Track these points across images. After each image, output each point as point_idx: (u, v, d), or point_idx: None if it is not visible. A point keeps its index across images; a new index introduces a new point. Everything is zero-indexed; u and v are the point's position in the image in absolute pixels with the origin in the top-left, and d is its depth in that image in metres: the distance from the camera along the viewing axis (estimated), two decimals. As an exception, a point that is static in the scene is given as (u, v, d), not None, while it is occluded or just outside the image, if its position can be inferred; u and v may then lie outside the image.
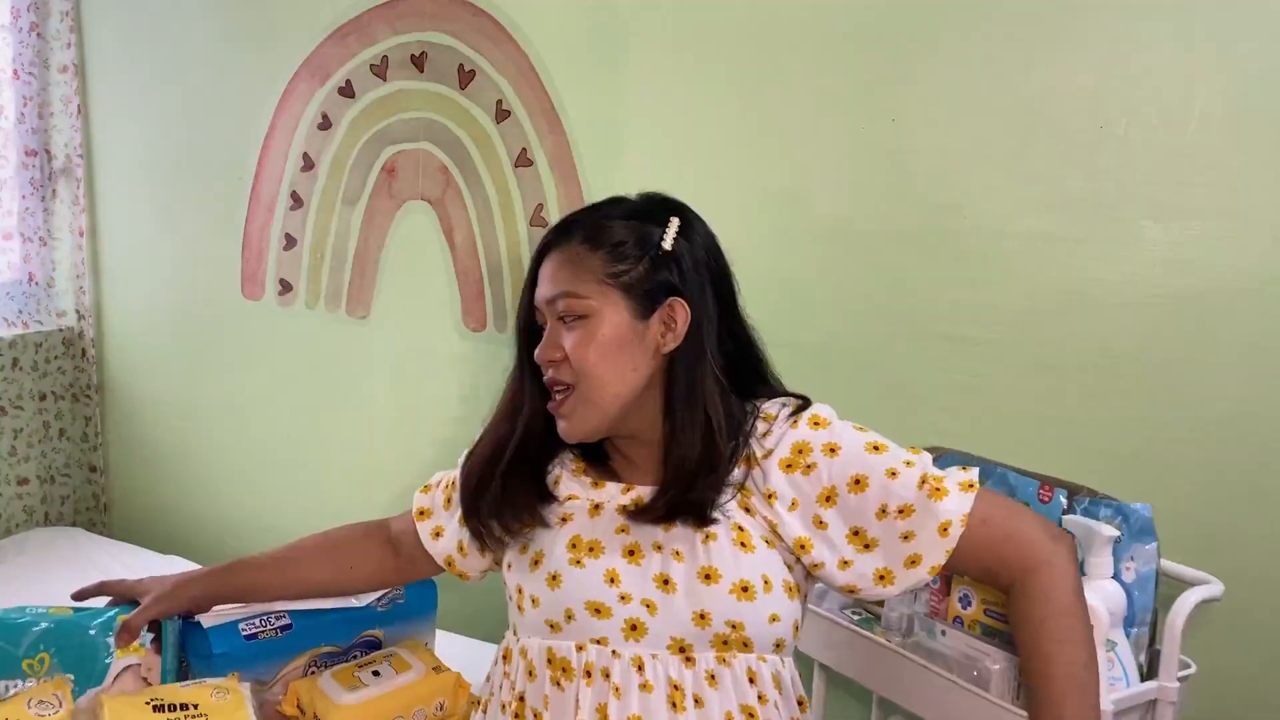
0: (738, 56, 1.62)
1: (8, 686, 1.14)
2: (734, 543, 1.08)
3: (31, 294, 2.39)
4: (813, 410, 1.10)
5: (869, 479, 1.06)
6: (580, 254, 1.10)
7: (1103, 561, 1.17)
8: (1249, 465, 1.33)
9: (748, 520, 1.09)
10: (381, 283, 2.03)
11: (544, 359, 1.11)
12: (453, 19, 1.88)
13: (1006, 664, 1.17)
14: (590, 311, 1.09)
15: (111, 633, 1.19)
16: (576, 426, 1.11)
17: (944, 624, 1.25)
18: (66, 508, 2.45)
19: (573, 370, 1.09)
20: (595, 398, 1.09)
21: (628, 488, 1.14)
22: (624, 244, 1.10)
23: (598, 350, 1.08)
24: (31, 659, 1.15)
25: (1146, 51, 1.35)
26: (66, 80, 2.33)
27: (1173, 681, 1.17)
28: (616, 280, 1.09)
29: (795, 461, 1.08)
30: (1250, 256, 1.31)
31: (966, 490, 1.05)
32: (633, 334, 1.09)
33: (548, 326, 1.12)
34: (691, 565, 1.08)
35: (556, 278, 1.11)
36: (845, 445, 1.08)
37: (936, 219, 1.50)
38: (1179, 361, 1.36)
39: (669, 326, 1.10)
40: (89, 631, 1.18)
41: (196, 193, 2.25)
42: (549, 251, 1.13)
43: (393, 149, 1.98)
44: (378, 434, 2.09)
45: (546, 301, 1.11)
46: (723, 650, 1.08)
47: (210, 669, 1.28)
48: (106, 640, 1.19)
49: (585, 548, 1.11)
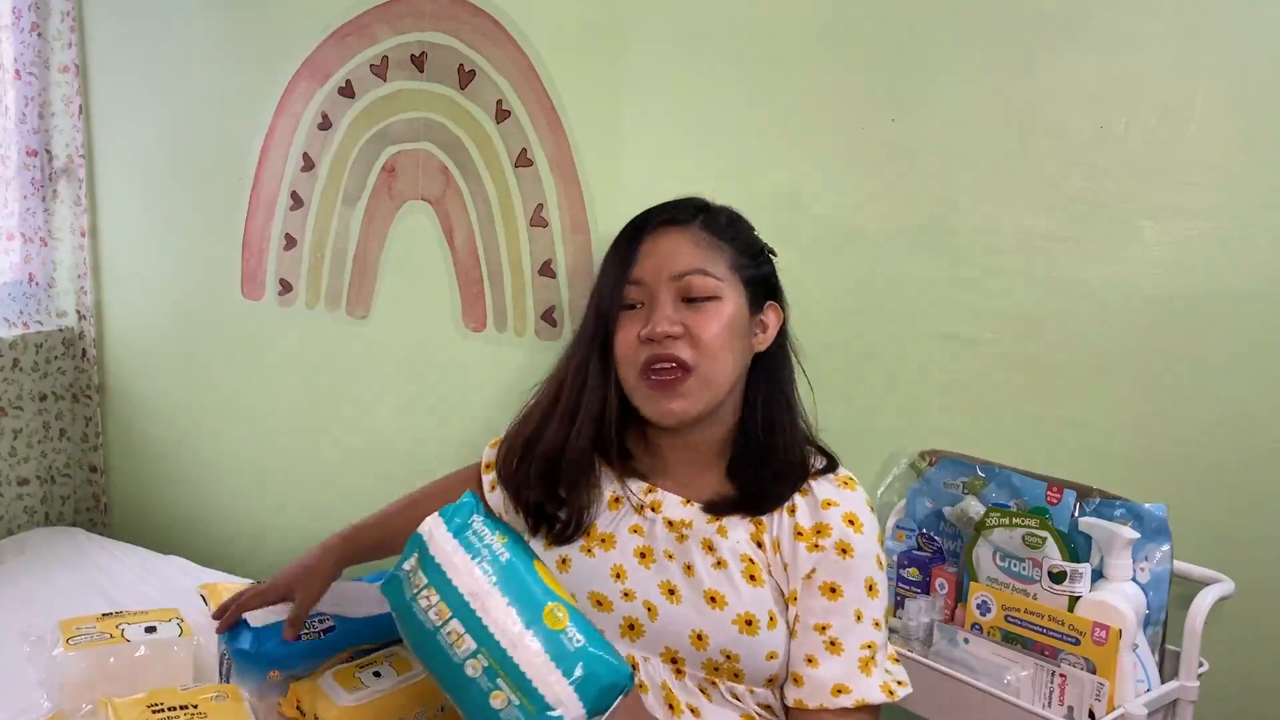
0: (738, 56, 1.62)
1: None
2: (743, 574, 1.08)
3: (32, 294, 2.39)
4: (851, 507, 1.09)
5: (842, 597, 1.05)
6: (709, 239, 1.11)
7: (1123, 564, 1.17)
8: (1249, 465, 1.33)
9: (758, 554, 1.09)
10: (381, 283, 2.03)
11: (663, 332, 1.07)
12: (453, 19, 1.87)
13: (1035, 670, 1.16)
14: (721, 293, 1.09)
15: None
16: (689, 407, 1.09)
17: (965, 632, 1.24)
18: (67, 508, 2.45)
19: (694, 349, 1.07)
20: (712, 381, 1.08)
21: (650, 489, 1.14)
22: (749, 239, 1.16)
23: (726, 333, 1.09)
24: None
25: (1146, 51, 1.35)
26: (68, 80, 2.33)
27: (1193, 680, 1.17)
28: (743, 271, 1.12)
29: (808, 536, 1.08)
30: (1250, 256, 1.31)
31: (884, 691, 1.04)
32: (745, 327, 1.12)
33: (660, 303, 1.09)
34: (700, 583, 1.07)
35: (688, 255, 1.10)
36: (856, 558, 1.07)
37: (936, 219, 1.49)
38: (1179, 361, 1.36)
39: (762, 328, 1.14)
40: None
41: (196, 193, 2.25)
42: (659, 229, 1.12)
43: (393, 149, 1.98)
44: (378, 434, 2.09)
45: (673, 276, 1.09)
46: (712, 675, 1.07)
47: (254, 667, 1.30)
48: None
49: (598, 538, 1.11)
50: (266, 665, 1.31)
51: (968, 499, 1.36)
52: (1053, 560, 1.21)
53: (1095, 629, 1.13)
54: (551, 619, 0.90)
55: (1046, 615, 1.17)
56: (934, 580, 1.35)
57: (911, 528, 1.42)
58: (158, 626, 1.51)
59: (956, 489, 1.39)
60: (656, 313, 1.08)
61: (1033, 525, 1.23)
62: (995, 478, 1.34)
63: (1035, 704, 1.15)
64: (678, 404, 1.08)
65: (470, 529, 0.94)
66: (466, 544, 0.93)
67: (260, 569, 2.15)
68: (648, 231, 1.13)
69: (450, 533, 0.92)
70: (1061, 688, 1.14)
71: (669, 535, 1.10)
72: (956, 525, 1.37)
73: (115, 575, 2.00)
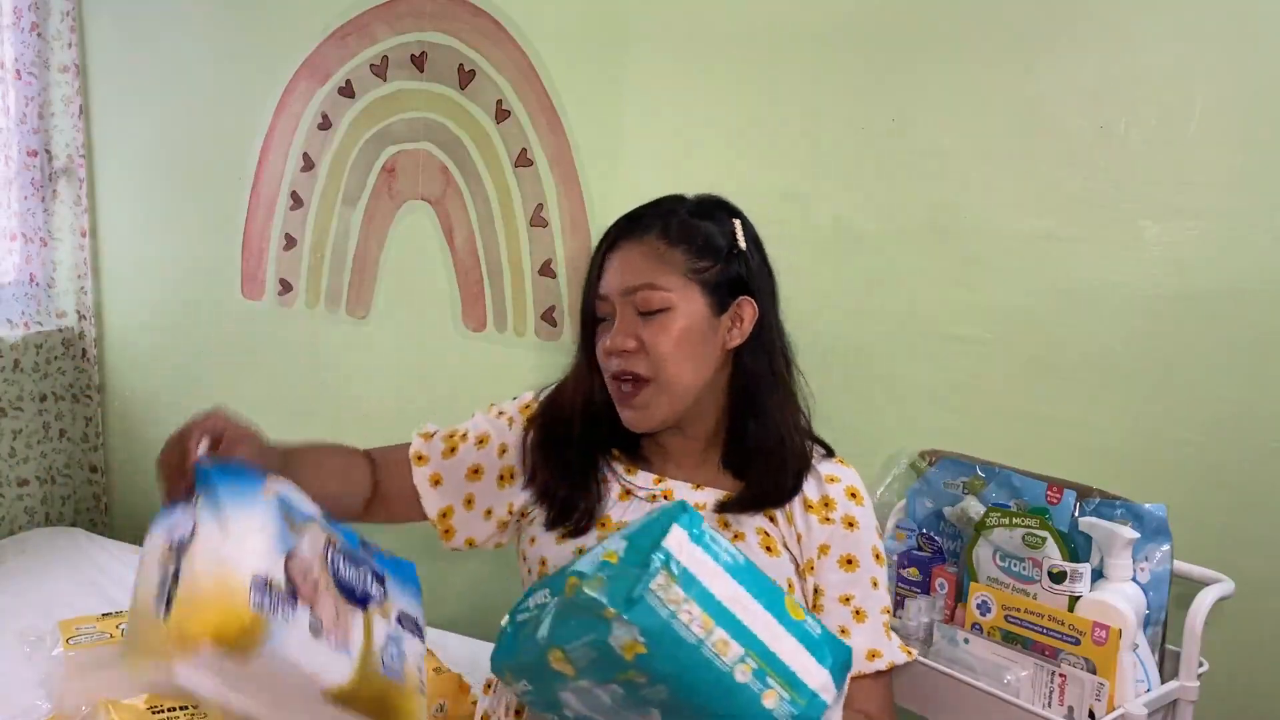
0: (738, 56, 1.62)
1: None
2: (760, 545, 1.11)
3: (32, 294, 2.39)
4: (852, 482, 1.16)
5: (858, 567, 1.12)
6: (660, 248, 1.12)
7: (1123, 564, 1.17)
8: (1249, 465, 1.33)
9: (771, 527, 1.12)
10: (381, 283, 2.03)
11: (617, 349, 1.10)
12: (453, 19, 1.87)
13: (1035, 670, 1.16)
14: (671, 304, 1.10)
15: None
16: (649, 417, 1.11)
17: (965, 632, 1.24)
18: (67, 508, 2.45)
19: (649, 361, 1.10)
20: (671, 389, 1.10)
21: (659, 479, 1.16)
22: (705, 241, 1.14)
23: (678, 342, 1.10)
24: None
25: (1146, 51, 1.35)
26: (68, 80, 2.33)
27: (1193, 680, 1.17)
28: (698, 276, 1.12)
29: (817, 509, 1.13)
30: (1250, 256, 1.31)
31: (905, 652, 1.13)
32: (708, 329, 1.12)
33: (618, 317, 1.12)
34: None
35: (637, 269, 1.11)
36: (862, 529, 1.13)
37: (936, 219, 1.49)
38: (1179, 361, 1.36)
39: (736, 323, 1.14)
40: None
41: (196, 193, 2.25)
42: (619, 243, 1.14)
43: (393, 149, 1.98)
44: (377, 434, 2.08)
45: (623, 292, 1.11)
46: None
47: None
48: None
49: (614, 527, 1.12)
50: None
51: (968, 499, 1.36)
52: (1053, 560, 1.21)
53: (1095, 629, 1.13)
54: (793, 609, 0.93)
55: (1046, 615, 1.17)
56: (934, 580, 1.35)
57: (911, 528, 1.42)
58: (158, 626, 1.51)
59: (956, 489, 1.39)
60: (614, 328, 1.11)
61: (1033, 525, 1.23)
62: (995, 478, 1.34)
63: (1035, 704, 1.15)
64: (636, 414, 1.12)
65: (707, 535, 0.93)
66: (711, 551, 0.92)
67: (260, 569, 2.15)
68: (611, 245, 1.15)
69: (695, 543, 0.92)
70: (1061, 688, 1.14)
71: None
72: (956, 525, 1.37)
73: (115, 575, 2.00)
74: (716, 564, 0.91)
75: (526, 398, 1.25)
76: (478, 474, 1.21)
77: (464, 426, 1.24)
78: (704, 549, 0.91)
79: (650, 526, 0.93)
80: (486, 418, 1.25)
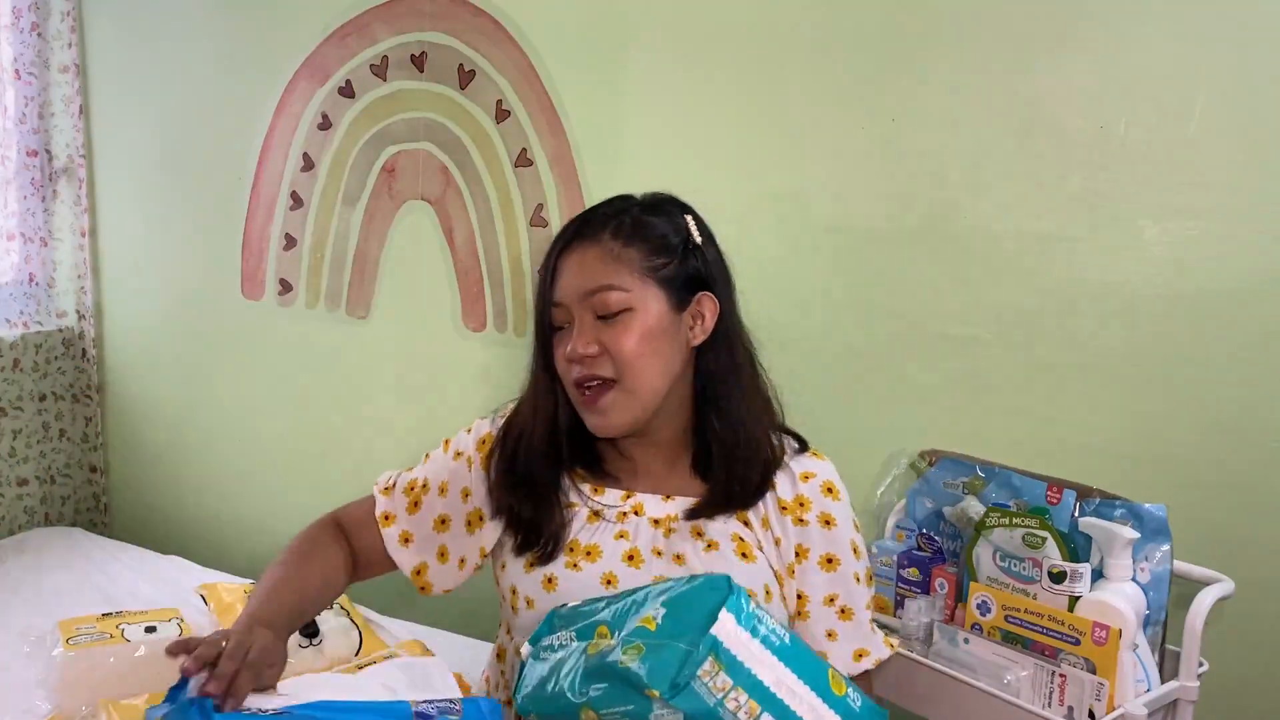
0: (738, 57, 1.62)
1: None
2: (736, 552, 1.09)
3: (32, 294, 2.39)
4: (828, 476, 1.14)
5: (840, 565, 1.11)
6: (614, 248, 1.10)
7: (1123, 564, 1.17)
8: (1249, 465, 1.33)
9: (747, 533, 1.10)
10: (381, 283, 2.03)
11: (579, 355, 1.08)
12: (453, 19, 1.87)
13: (1035, 670, 1.16)
14: (632, 304, 1.08)
15: None
16: (616, 420, 1.09)
17: (965, 632, 1.24)
18: (67, 508, 2.45)
19: (614, 364, 1.07)
20: (638, 391, 1.08)
21: (628, 494, 1.14)
22: (660, 238, 1.11)
23: (642, 343, 1.08)
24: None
25: (1146, 51, 1.35)
26: (68, 80, 2.33)
27: (1193, 680, 1.17)
28: (655, 274, 1.10)
29: (792, 509, 1.11)
30: (1250, 256, 1.31)
31: (888, 645, 1.14)
32: (670, 327, 1.10)
33: (577, 323, 1.09)
34: (692, 571, 1.08)
35: (593, 271, 1.09)
36: (839, 526, 1.12)
37: (936, 219, 1.49)
38: (1179, 361, 1.36)
39: (698, 320, 1.12)
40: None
41: (196, 193, 2.25)
42: (572, 246, 1.12)
43: (393, 149, 1.98)
44: (378, 434, 2.09)
45: (582, 296, 1.09)
46: None
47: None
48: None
49: (583, 552, 1.10)
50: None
51: (968, 499, 1.36)
52: (1053, 560, 1.21)
53: (1095, 629, 1.13)
54: (835, 684, 0.94)
55: (1046, 615, 1.17)
56: (934, 580, 1.35)
57: (911, 528, 1.42)
58: (158, 626, 1.51)
59: (956, 489, 1.39)
60: (574, 334, 1.09)
61: (1033, 525, 1.23)
62: (995, 478, 1.34)
63: (1035, 704, 1.15)
64: (603, 419, 1.09)
65: (755, 616, 0.93)
66: (758, 634, 0.92)
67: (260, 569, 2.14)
68: (562, 249, 1.13)
69: (742, 627, 0.91)
70: (1061, 688, 1.14)
71: (655, 532, 1.11)
72: (956, 525, 1.37)
73: (115, 575, 2.00)
74: (764, 648, 0.91)
75: (482, 430, 1.20)
76: (445, 524, 1.18)
77: (421, 474, 1.21)
78: (751, 633, 0.91)
79: (694, 599, 0.92)
80: (444, 460, 1.21)
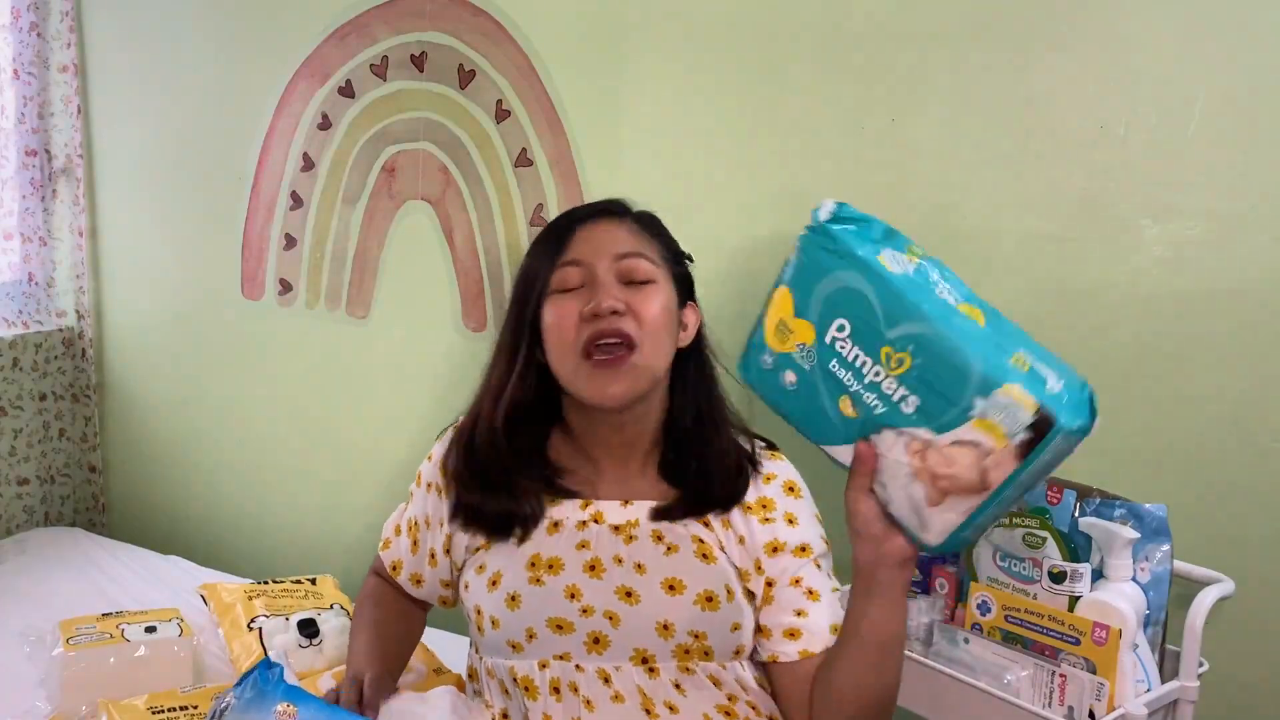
0: (738, 57, 1.62)
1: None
2: (696, 554, 1.10)
3: (31, 294, 2.39)
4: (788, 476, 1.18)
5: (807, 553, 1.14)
6: (640, 231, 1.15)
7: (1123, 564, 1.17)
8: (1249, 465, 1.33)
9: (707, 534, 1.12)
10: (381, 283, 2.03)
11: (609, 307, 1.07)
12: (453, 19, 1.87)
13: (1035, 670, 1.16)
14: (655, 278, 1.12)
15: None
16: (630, 387, 1.09)
17: (965, 632, 1.24)
18: (66, 508, 2.45)
19: (638, 325, 1.08)
20: (653, 362, 1.10)
21: (586, 503, 1.14)
22: (670, 242, 1.19)
23: (665, 315, 1.11)
24: (896, 350, 0.94)
25: (1146, 51, 1.35)
26: (67, 80, 2.33)
27: (1193, 680, 1.17)
28: (670, 266, 1.16)
29: (756, 510, 1.13)
30: (1250, 256, 1.31)
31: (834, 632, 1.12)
32: (674, 318, 1.14)
33: (601, 282, 1.09)
34: (655, 576, 1.09)
35: (626, 239, 1.13)
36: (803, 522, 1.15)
37: (936, 219, 1.49)
38: (1179, 361, 1.36)
39: (683, 326, 1.16)
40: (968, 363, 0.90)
41: (196, 193, 2.25)
42: (595, 220, 1.15)
43: (393, 149, 1.98)
44: (378, 434, 2.09)
45: (614, 257, 1.10)
46: (684, 660, 1.08)
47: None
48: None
49: (545, 565, 1.10)
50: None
51: (968, 499, 1.35)
52: (1053, 560, 1.21)
53: (1095, 629, 1.13)
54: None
55: (1046, 615, 1.17)
56: (934, 580, 1.35)
57: (911, 528, 1.42)
58: (158, 626, 1.51)
59: (956, 489, 1.38)
60: (600, 290, 1.08)
61: (1033, 525, 1.23)
62: (995, 478, 1.33)
63: (1035, 704, 1.15)
64: (618, 386, 1.08)
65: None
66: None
67: (260, 569, 2.15)
68: (580, 221, 1.15)
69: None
70: (1061, 688, 1.14)
71: (616, 539, 1.11)
72: (956, 525, 1.37)
73: (115, 575, 2.00)
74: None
75: (437, 454, 1.24)
76: (434, 560, 1.23)
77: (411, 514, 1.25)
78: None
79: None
80: (421, 494, 1.25)
